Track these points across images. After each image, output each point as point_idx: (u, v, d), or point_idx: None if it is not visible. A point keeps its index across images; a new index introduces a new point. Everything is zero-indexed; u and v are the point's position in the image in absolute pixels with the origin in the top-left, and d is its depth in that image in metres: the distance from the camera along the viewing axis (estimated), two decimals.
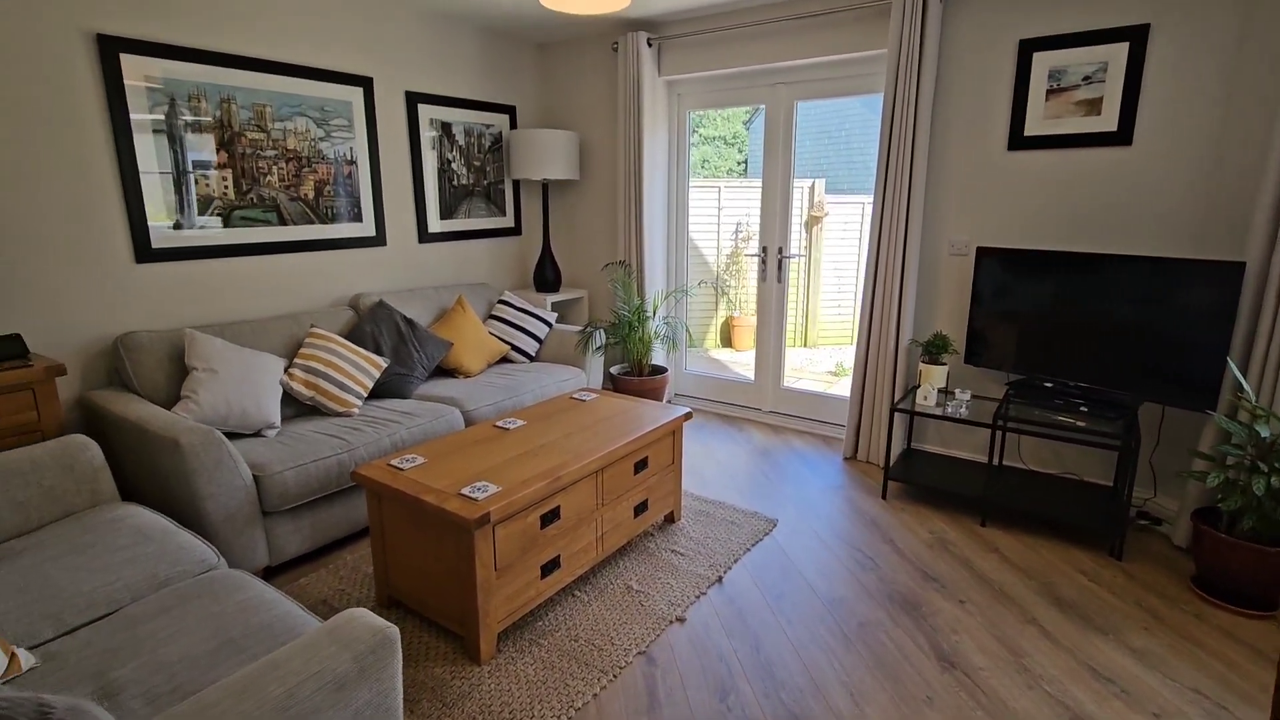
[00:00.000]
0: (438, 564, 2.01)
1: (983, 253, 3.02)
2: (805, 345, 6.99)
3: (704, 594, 2.36)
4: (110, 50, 2.55)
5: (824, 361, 6.51)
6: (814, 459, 3.58)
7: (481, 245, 4.24)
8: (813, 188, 6.74)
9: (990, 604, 2.32)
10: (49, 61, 2.42)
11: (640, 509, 2.58)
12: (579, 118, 4.39)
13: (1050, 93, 2.91)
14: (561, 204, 4.60)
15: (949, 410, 2.98)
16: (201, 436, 2.15)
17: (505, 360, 3.81)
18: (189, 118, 2.80)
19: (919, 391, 3.07)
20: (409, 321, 3.36)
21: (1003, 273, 2.97)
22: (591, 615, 2.22)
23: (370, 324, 3.24)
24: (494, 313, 3.87)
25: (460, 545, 1.92)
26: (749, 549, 2.66)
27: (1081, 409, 2.79)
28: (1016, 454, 3.24)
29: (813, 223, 6.87)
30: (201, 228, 2.89)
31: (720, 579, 2.45)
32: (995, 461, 3.25)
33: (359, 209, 3.49)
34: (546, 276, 4.29)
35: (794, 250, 3.92)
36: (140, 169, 2.68)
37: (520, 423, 2.59)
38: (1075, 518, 2.67)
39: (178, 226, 2.82)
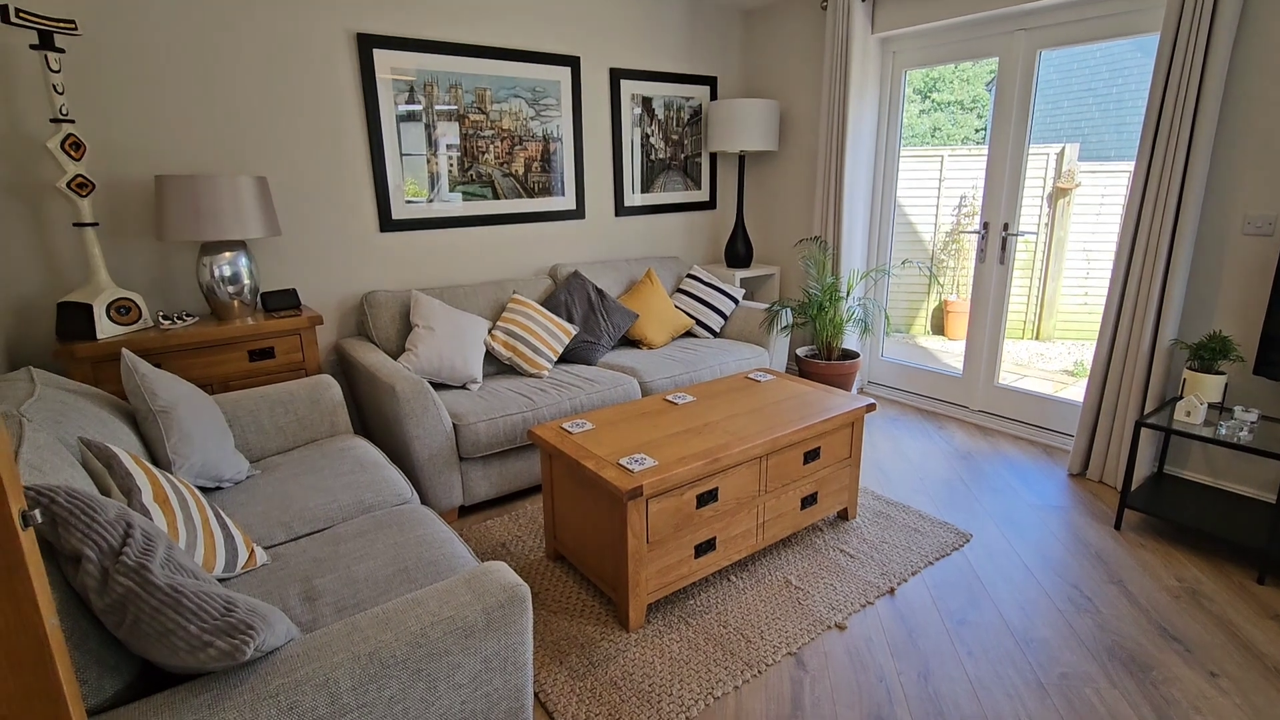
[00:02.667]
0: (595, 527, 2.08)
1: None
2: (1038, 338, 6.06)
3: (871, 603, 2.16)
4: (366, 47, 2.96)
5: (1060, 358, 5.59)
6: (1029, 470, 3.09)
7: (675, 219, 4.26)
8: (1061, 154, 5.74)
9: (1256, 684, 1.82)
10: (319, 59, 2.87)
11: (809, 501, 2.43)
12: (781, 86, 4.17)
13: None
14: (758, 177, 4.45)
15: (1224, 432, 2.37)
16: (414, 385, 2.45)
17: (689, 335, 3.82)
18: (424, 103, 3.16)
19: (1180, 405, 2.47)
20: (599, 292, 3.50)
21: None
22: (744, 604, 2.15)
23: (565, 293, 3.43)
24: (681, 286, 3.88)
25: (614, 513, 1.96)
26: (932, 563, 2.38)
27: None
28: None
29: (1059, 195, 5.87)
30: (429, 201, 3.27)
31: (893, 590, 2.23)
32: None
33: (562, 184, 3.70)
34: (738, 251, 4.20)
35: (1023, 227, 3.36)
36: (385, 151, 3.09)
37: (690, 399, 2.57)
38: None
39: (411, 201, 3.21)
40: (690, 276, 3.89)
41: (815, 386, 2.71)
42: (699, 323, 3.78)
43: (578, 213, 3.79)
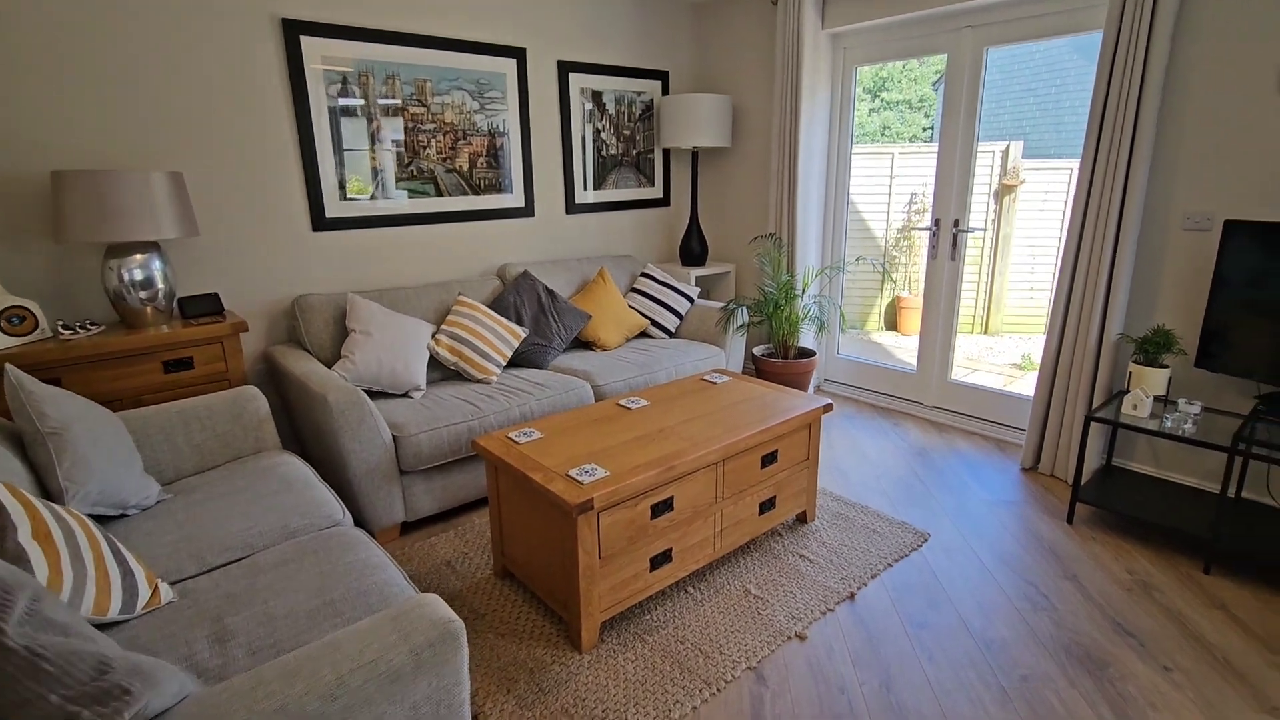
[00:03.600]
0: (545, 543, 1.97)
1: (1234, 228, 2.36)
2: (986, 332, 6.18)
3: (831, 610, 2.11)
4: (293, 34, 2.76)
5: (1008, 352, 5.70)
6: (983, 466, 3.10)
7: (628, 216, 4.17)
8: (1006, 151, 5.86)
9: (1207, 676, 1.82)
10: (240, 45, 2.67)
11: (767, 506, 2.37)
12: (733, 81, 4.12)
13: None
14: (712, 173, 4.38)
15: (1168, 425, 2.40)
16: (348, 396, 2.28)
17: (644, 335, 3.72)
18: (359, 95, 2.98)
19: (1127, 398, 2.50)
20: (550, 293, 3.38)
21: (1262, 254, 2.30)
22: (703, 617, 2.07)
23: (513, 294, 3.30)
24: (636, 286, 3.79)
25: (564, 528, 1.85)
26: (891, 565, 2.34)
27: None
28: (1264, 487, 2.54)
29: (1004, 192, 5.99)
30: (368, 199, 3.09)
31: (853, 595, 2.18)
32: (1231, 493, 2.58)
33: (509, 180, 3.55)
34: (693, 249, 4.13)
35: (973, 223, 3.37)
36: (316, 144, 2.90)
37: (644, 403, 2.48)
38: None
39: (347, 198, 3.03)
40: (644, 275, 3.80)
41: (772, 388, 2.65)
42: (654, 323, 3.69)
43: (526, 210, 3.65)
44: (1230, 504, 2.49)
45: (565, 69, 3.65)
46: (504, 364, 3.06)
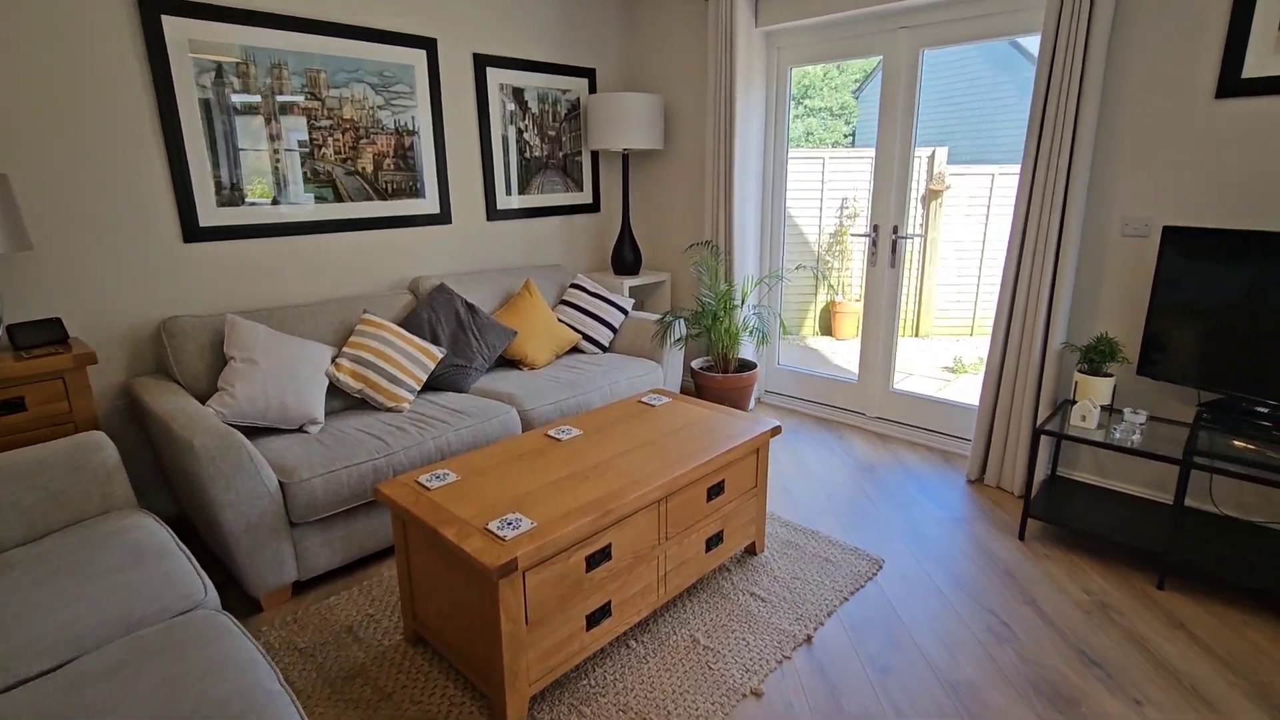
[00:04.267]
0: (462, 606, 1.68)
1: (1172, 234, 2.32)
2: (917, 335, 6.23)
3: (788, 658, 1.91)
4: (152, 12, 2.36)
5: (939, 354, 5.75)
6: (930, 480, 3.00)
7: (555, 223, 3.90)
8: (932, 157, 5.93)
9: (1179, 708, 1.72)
10: (81, 24, 2.25)
11: (714, 541, 2.15)
12: (665, 80, 3.92)
13: None
14: (644, 177, 4.17)
15: (1117, 436, 2.33)
16: (219, 439, 1.92)
17: (576, 351, 3.46)
18: (237, 86, 2.59)
19: (1075, 409, 2.43)
20: (470, 307, 3.07)
21: (1200, 260, 2.27)
22: (647, 676, 1.82)
23: (428, 310, 2.97)
24: (565, 298, 3.52)
25: (484, 593, 1.57)
26: (847, 598, 2.17)
27: None
28: (1207, 495, 2.53)
29: (931, 197, 6.06)
30: (251, 204, 2.70)
31: (809, 638, 1.99)
32: (1178, 503, 2.55)
33: (421, 184, 3.22)
34: (625, 258, 3.90)
35: (911, 229, 3.30)
36: (186, 142, 2.50)
37: (576, 432, 2.22)
38: None
39: (226, 203, 2.63)
40: (574, 286, 3.54)
41: (714, 409, 2.44)
42: (586, 337, 3.43)
43: (442, 217, 3.33)
44: (1178, 514, 2.45)
45: (482, 63, 3.35)
46: (418, 389, 2.74)
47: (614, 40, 3.97)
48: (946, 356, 5.67)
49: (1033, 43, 2.48)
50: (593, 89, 3.90)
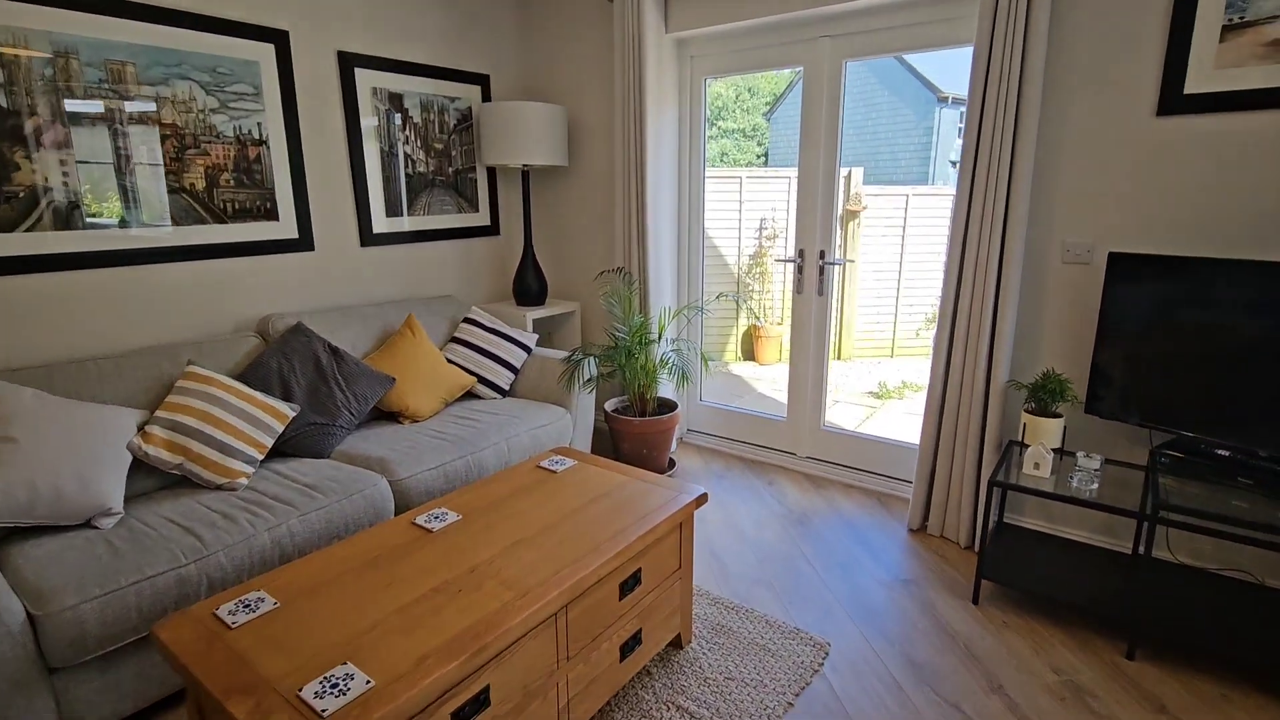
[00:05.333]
0: None
1: (1119, 261, 2.13)
2: (839, 358, 6.09)
3: None
4: None
5: (862, 378, 5.61)
6: (869, 531, 2.70)
7: (447, 249, 3.41)
8: (849, 177, 5.83)
9: None
10: None
11: (630, 646, 1.74)
12: (568, 89, 3.54)
13: (1230, 29, 2.00)
14: (548, 197, 3.75)
15: (1074, 484, 2.10)
16: None
17: (470, 397, 2.98)
18: (1, 79, 2.00)
19: (1027, 455, 2.18)
20: (334, 352, 2.54)
21: (1148, 289, 2.08)
22: None
23: (279, 357, 2.43)
24: (458, 335, 3.04)
25: None
26: (792, 702, 1.80)
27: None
28: (1163, 542, 2.34)
29: (849, 218, 5.96)
30: (28, 231, 2.09)
31: None
32: (1140, 559, 2.35)
33: (273, 203, 2.68)
34: (529, 287, 3.46)
35: (839, 255, 3.04)
36: None
37: (454, 517, 1.76)
38: (1275, 654, 1.78)
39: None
40: (469, 321, 3.07)
41: (628, 473, 2.04)
42: (482, 380, 2.96)
43: (302, 243, 2.79)
44: (1136, 568, 2.25)
45: (349, 63, 2.86)
46: (261, 457, 2.19)
47: (510, 44, 3.56)
48: (870, 380, 5.53)
49: (955, 56, 2.27)
50: (486, 97, 3.46)
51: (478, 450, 2.46)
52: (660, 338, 3.14)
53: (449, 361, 2.94)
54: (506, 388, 3.02)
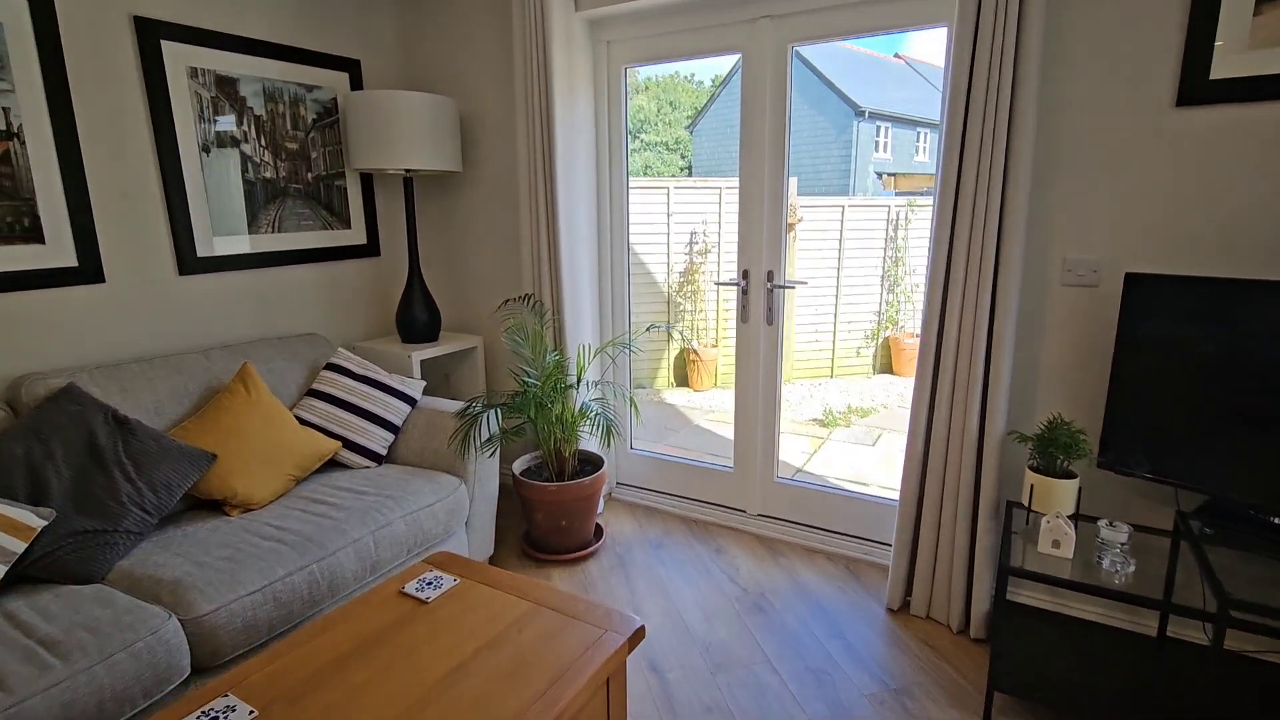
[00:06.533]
0: None
1: (1138, 284, 1.72)
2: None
3: None
4: None
5: (804, 403, 5.21)
6: (842, 615, 2.20)
7: (308, 275, 2.72)
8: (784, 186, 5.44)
9: None
10: None
11: None
12: (461, 80, 2.93)
13: (1264, 1, 1.63)
14: (440, 210, 3.12)
15: (1106, 567, 1.66)
16: None
17: (335, 466, 2.30)
18: None
19: (1043, 531, 1.73)
20: (121, 424, 1.82)
21: (1177, 317, 1.68)
22: None
23: (29, 438, 1.69)
24: (317, 386, 2.36)
25: None
26: None
27: None
28: (1193, 620, 1.94)
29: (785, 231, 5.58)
30: None
31: None
32: (1164, 634, 1.93)
33: (34, 219, 1.94)
34: (416, 319, 2.80)
35: (785, 275, 2.56)
36: None
37: (245, 713, 1.11)
38: None
39: None
40: (332, 368, 2.39)
41: (533, 595, 1.44)
42: (350, 445, 2.29)
43: (84, 272, 2.05)
44: (1161, 652, 1.83)
45: (151, 32, 2.15)
46: None
47: (387, 22, 2.92)
48: (813, 405, 5.13)
49: (875, 66, 1.85)
50: (357, 87, 2.81)
51: (329, 554, 1.80)
52: (579, 381, 2.56)
53: (303, 423, 2.25)
54: (383, 452, 2.35)
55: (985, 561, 2.04)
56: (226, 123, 2.38)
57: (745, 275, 2.61)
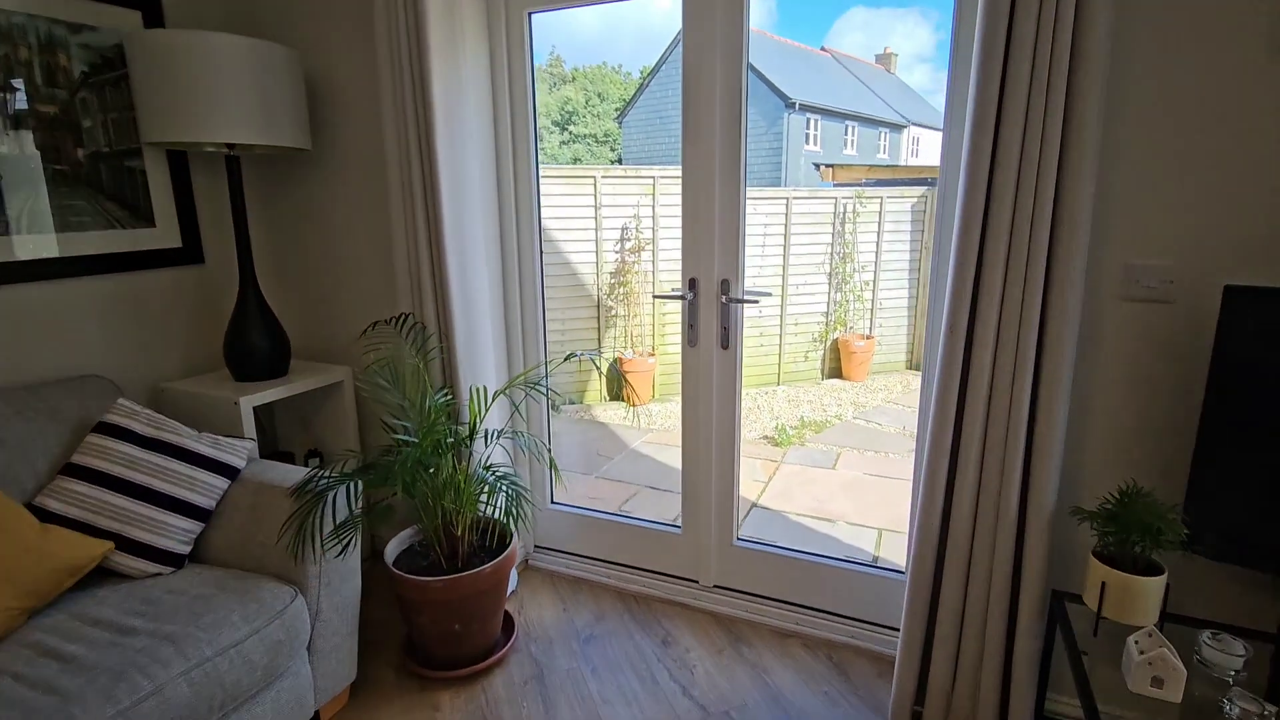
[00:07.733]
0: None
1: (1242, 299, 1.23)
2: None
3: None
4: None
5: (752, 415, 4.69)
6: None
7: (90, 291, 1.94)
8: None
9: None
10: None
11: None
12: (305, 27, 2.20)
13: None
14: (285, 201, 2.37)
15: (1235, 715, 1.15)
16: None
17: (105, 576, 1.56)
18: None
19: (1136, 661, 1.21)
20: None
21: None
22: None
23: None
24: (79, 458, 1.60)
25: None
26: None
27: None
28: None
29: None
30: None
31: None
32: None
33: None
34: (254, 349, 2.06)
35: (743, 285, 1.97)
36: None
37: None
38: None
39: None
40: (106, 429, 1.64)
41: None
42: (126, 544, 1.55)
43: None
44: None
45: None
46: None
47: None
48: (764, 421, 4.62)
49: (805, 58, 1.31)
50: (152, 25, 2.03)
51: None
52: (475, 432, 1.88)
53: (50, 517, 1.50)
54: (184, 550, 1.62)
55: (1027, 673, 1.52)
56: None
57: (693, 285, 2.01)
